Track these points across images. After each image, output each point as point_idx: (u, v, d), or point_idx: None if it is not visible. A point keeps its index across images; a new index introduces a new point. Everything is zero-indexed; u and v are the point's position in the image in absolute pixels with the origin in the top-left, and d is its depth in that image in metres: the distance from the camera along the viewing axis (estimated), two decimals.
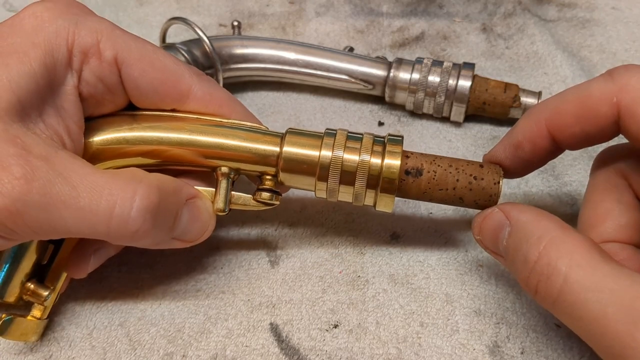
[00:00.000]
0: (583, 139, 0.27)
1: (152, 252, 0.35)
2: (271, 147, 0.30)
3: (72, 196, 0.24)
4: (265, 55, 0.43)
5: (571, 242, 0.24)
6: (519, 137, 0.29)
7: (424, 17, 0.50)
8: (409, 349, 0.30)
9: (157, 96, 0.30)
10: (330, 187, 0.30)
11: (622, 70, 0.26)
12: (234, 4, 0.53)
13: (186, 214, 0.28)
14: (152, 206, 0.25)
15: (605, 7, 0.50)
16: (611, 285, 0.22)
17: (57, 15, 0.27)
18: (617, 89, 0.25)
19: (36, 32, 0.26)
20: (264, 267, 0.34)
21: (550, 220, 0.25)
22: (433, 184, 0.29)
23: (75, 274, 0.30)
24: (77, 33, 0.27)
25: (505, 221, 0.27)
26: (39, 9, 0.27)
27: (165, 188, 0.27)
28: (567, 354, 0.30)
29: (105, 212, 0.24)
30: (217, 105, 0.30)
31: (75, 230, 0.25)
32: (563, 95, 0.28)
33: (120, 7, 0.53)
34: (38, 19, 0.27)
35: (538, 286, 0.24)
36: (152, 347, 0.31)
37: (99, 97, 0.29)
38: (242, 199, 0.31)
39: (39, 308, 0.30)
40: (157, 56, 0.29)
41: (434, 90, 0.40)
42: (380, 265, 0.34)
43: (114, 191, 0.25)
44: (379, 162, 0.29)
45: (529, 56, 0.46)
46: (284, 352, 0.31)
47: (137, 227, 0.25)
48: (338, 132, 0.30)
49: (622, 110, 0.25)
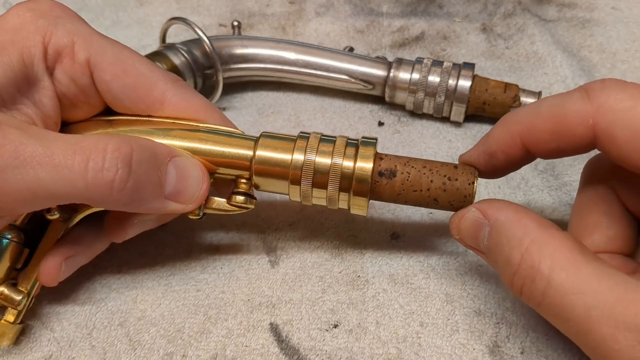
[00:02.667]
0: (558, 152, 0.27)
1: (152, 252, 0.35)
2: (245, 150, 0.30)
3: (46, 155, 0.24)
4: (265, 55, 0.43)
5: (553, 243, 0.24)
6: (493, 146, 0.29)
7: (424, 17, 0.50)
8: (409, 348, 0.30)
9: (130, 101, 0.30)
10: (303, 190, 0.30)
11: (598, 87, 0.25)
12: (234, 4, 0.53)
13: (172, 170, 0.28)
14: (124, 155, 0.26)
15: (605, 7, 0.50)
16: (594, 287, 0.22)
17: (39, 15, 0.29)
18: (594, 110, 0.25)
19: (17, 30, 0.28)
20: (264, 267, 0.34)
21: (530, 219, 0.25)
22: (407, 185, 0.29)
23: (46, 281, 0.30)
24: (55, 33, 0.28)
25: (483, 220, 0.27)
26: (22, 9, 0.29)
27: (140, 142, 0.27)
28: (567, 354, 0.30)
29: (81, 166, 0.25)
30: (193, 111, 0.31)
31: (54, 189, 0.25)
32: (538, 109, 0.27)
33: (120, 7, 0.53)
34: (20, 17, 0.28)
35: (523, 288, 0.24)
36: (152, 347, 0.31)
37: (72, 98, 0.30)
38: (217, 203, 0.31)
39: (12, 312, 0.30)
40: (131, 62, 0.30)
41: (434, 90, 0.40)
42: (380, 265, 0.34)
43: (86, 146, 0.25)
44: (352, 164, 0.29)
45: (529, 56, 0.46)
46: (284, 352, 0.31)
47: (112, 176, 0.25)
48: (311, 135, 0.30)
49: (599, 133, 0.25)
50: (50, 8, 0.29)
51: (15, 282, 0.30)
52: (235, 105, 0.44)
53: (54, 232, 0.30)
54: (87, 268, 0.32)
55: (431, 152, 0.40)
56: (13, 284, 0.30)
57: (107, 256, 0.33)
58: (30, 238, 0.31)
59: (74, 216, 0.30)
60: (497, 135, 0.29)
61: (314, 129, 0.42)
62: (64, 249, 0.30)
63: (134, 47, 0.31)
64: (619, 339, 0.21)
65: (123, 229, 0.31)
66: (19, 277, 0.30)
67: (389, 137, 0.41)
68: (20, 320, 0.30)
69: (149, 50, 0.41)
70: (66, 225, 0.30)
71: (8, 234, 0.30)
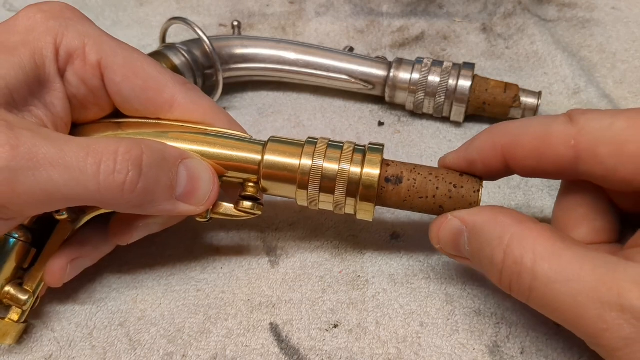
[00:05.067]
0: (536, 171, 0.28)
1: (152, 252, 0.35)
2: (253, 155, 0.30)
3: (59, 156, 0.24)
4: (265, 55, 0.43)
5: (531, 235, 0.24)
6: (474, 155, 0.29)
7: (424, 17, 0.50)
8: (408, 348, 0.30)
9: (139, 103, 0.30)
10: (310, 195, 0.30)
11: (580, 112, 0.26)
12: (234, 4, 0.53)
13: (183, 172, 0.28)
14: (135, 157, 0.26)
15: (605, 7, 0.50)
16: (577, 272, 0.23)
17: (50, 17, 0.29)
18: (576, 132, 0.26)
19: (28, 31, 0.28)
20: (264, 267, 0.34)
21: (506, 216, 0.26)
22: (413, 191, 0.29)
23: (51, 282, 0.30)
24: (66, 35, 0.29)
25: (461, 227, 0.27)
26: (33, 11, 0.29)
27: (151, 145, 0.27)
28: (567, 354, 0.30)
29: (93, 168, 0.25)
30: (201, 114, 0.31)
31: (67, 191, 0.25)
32: (526, 126, 0.28)
33: (120, 7, 0.53)
34: (31, 20, 0.28)
35: (511, 285, 0.25)
36: (152, 347, 0.31)
37: (82, 99, 0.30)
38: (224, 208, 0.31)
39: (17, 311, 0.30)
40: (141, 64, 0.30)
41: (434, 90, 0.40)
42: (380, 265, 0.34)
43: (98, 149, 0.25)
44: (359, 170, 0.29)
45: (529, 56, 0.46)
46: (284, 352, 0.31)
47: (123, 178, 0.25)
48: (319, 140, 0.30)
49: (582, 152, 0.26)
50: (60, 10, 0.29)
51: (21, 282, 0.30)
52: (235, 105, 0.44)
53: (61, 233, 0.30)
54: (88, 268, 0.32)
55: (431, 152, 0.40)
56: (19, 284, 0.30)
57: (108, 256, 0.33)
58: (38, 238, 0.31)
59: (82, 217, 0.30)
60: (479, 144, 0.29)
61: (314, 129, 0.42)
62: (70, 251, 0.30)
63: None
64: (606, 319, 0.22)
65: (128, 232, 0.31)
66: (25, 276, 0.30)
67: (389, 137, 0.41)
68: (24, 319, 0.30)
69: (149, 50, 0.41)
70: (73, 227, 0.30)
71: (16, 234, 0.30)
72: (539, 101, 0.39)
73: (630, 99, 0.42)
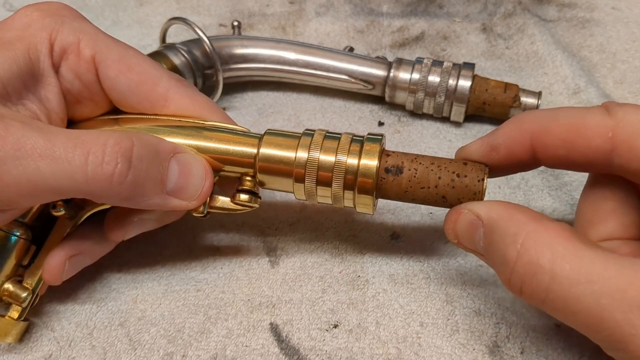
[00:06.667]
0: (564, 162, 0.27)
1: (152, 252, 0.35)
2: (249, 148, 0.30)
3: (47, 147, 0.24)
4: (265, 55, 0.43)
5: (549, 234, 0.23)
6: (499, 139, 0.28)
7: (424, 17, 0.50)
8: (408, 348, 0.30)
9: (134, 98, 0.30)
10: (307, 188, 0.29)
11: (617, 105, 0.26)
12: (234, 4, 0.53)
13: (175, 166, 0.28)
14: (124, 149, 0.26)
15: (605, 7, 0.50)
16: (601, 274, 0.22)
17: (46, 15, 0.29)
18: (614, 124, 0.25)
19: (24, 28, 0.29)
20: (264, 267, 0.34)
21: (522, 213, 0.25)
22: (414, 182, 0.28)
23: (50, 279, 0.30)
24: (61, 31, 0.29)
25: (477, 221, 0.26)
26: (30, 9, 0.29)
27: (143, 138, 0.27)
28: (567, 354, 0.30)
29: (81, 159, 0.25)
30: (197, 109, 0.31)
31: (54, 182, 0.25)
32: (556, 114, 0.27)
33: (120, 7, 0.53)
34: (28, 17, 0.29)
35: (523, 287, 0.24)
36: (152, 347, 0.31)
37: (77, 95, 0.30)
38: (221, 202, 0.30)
39: (17, 309, 0.30)
40: (136, 60, 0.30)
41: (434, 90, 0.40)
42: (380, 265, 0.34)
43: (87, 140, 0.25)
44: (356, 161, 0.29)
45: (529, 56, 0.46)
46: (284, 352, 0.31)
47: (112, 170, 0.25)
48: (316, 132, 0.30)
49: (619, 145, 0.25)
50: (57, 9, 0.30)
51: (21, 279, 0.30)
52: (235, 105, 0.44)
53: (60, 230, 0.30)
54: (88, 267, 0.32)
55: (431, 152, 0.40)
56: (19, 281, 0.30)
57: (108, 256, 0.33)
58: (38, 235, 0.31)
59: (81, 214, 0.30)
60: (506, 129, 0.28)
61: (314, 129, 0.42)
62: (68, 247, 0.30)
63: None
64: (635, 323, 0.21)
65: (123, 227, 0.31)
66: (25, 274, 0.30)
67: (389, 137, 0.41)
68: (25, 317, 0.30)
69: (149, 50, 0.41)
70: (73, 223, 0.30)
71: (16, 231, 0.30)
72: (539, 101, 0.39)
73: (630, 99, 0.42)
